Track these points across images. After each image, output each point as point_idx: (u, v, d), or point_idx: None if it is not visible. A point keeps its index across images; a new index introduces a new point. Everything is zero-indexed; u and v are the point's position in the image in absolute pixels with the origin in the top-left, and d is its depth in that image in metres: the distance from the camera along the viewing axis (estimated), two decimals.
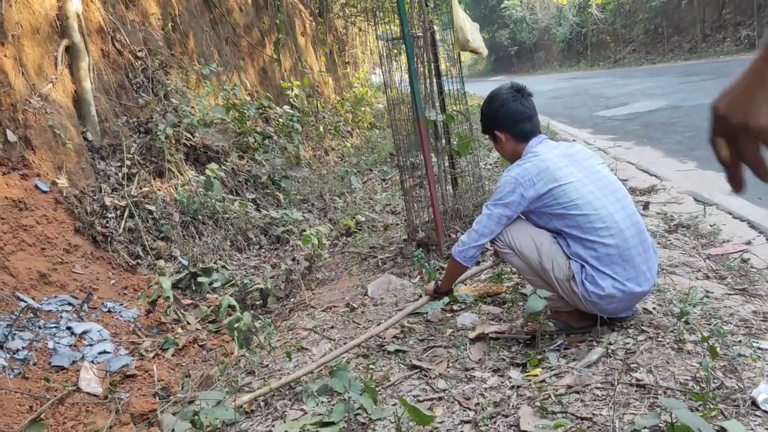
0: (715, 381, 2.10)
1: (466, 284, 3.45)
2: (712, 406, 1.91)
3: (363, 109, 13.51)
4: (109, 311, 3.87)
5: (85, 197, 4.64)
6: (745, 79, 0.82)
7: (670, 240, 3.83)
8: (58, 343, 3.34)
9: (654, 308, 2.76)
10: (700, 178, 5.39)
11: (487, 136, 2.92)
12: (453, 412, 2.22)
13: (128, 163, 5.21)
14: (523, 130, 2.69)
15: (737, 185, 0.86)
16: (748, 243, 3.63)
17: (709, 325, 2.52)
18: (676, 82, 14.34)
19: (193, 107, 6.42)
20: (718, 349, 2.19)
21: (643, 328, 2.58)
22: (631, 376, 2.22)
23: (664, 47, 27.71)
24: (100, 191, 4.86)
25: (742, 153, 0.83)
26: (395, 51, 4.50)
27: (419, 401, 2.33)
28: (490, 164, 6.77)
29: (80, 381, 3.08)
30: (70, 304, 3.72)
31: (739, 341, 2.38)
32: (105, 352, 3.42)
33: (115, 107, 5.66)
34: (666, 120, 8.83)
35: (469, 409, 2.22)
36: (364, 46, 21.57)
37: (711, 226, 3.97)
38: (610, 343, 2.49)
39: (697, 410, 1.93)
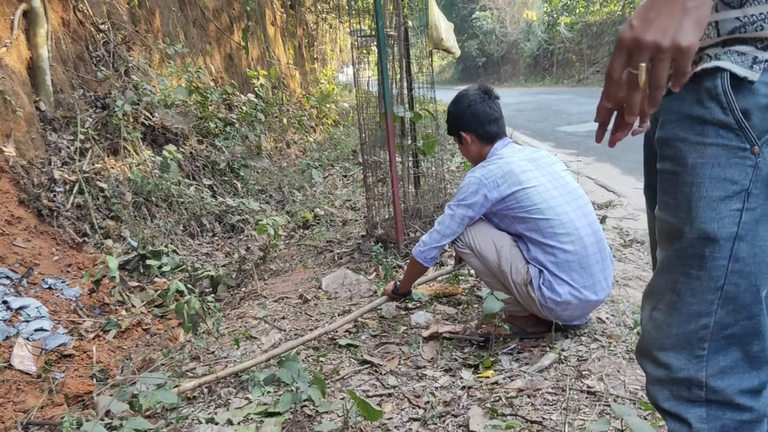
0: None
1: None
2: (660, 416, 1.92)
3: (328, 105, 13.40)
4: (49, 288, 3.70)
5: (33, 168, 4.44)
6: (664, 7, 0.85)
7: (625, 254, 3.87)
8: None
9: (607, 318, 2.78)
10: None
11: (452, 139, 2.89)
12: (402, 409, 2.18)
13: (82, 137, 5.01)
14: (489, 132, 2.67)
15: (633, 113, 0.90)
16: None
17: None
18: None
19: (154, 86, 6.23)
20: None
21: (596, 336, 2.59)
22: (582, 382, 2.22)
23: None
24: (50, 164, 4.65)
25: (659, 76, 0.86)
26: (365, 51, 4.46)
27: (369, 396, 2.28)
28: (453, 168, 6.77)
29: (13, 358, 2.92)
30: (8, 277, 3.54)
31: None
32: (42, 329, 3.26)
33: (72, 79, 5.45)
34: (625, 140, 8.96)
35: (419, 407, 2.18)
36: (334, 43, 21.47)
37: None
38: (563, 350, 2.49)
39: (646, 419, 1.93)
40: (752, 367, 0.99)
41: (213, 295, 4.03)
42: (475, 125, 2.66)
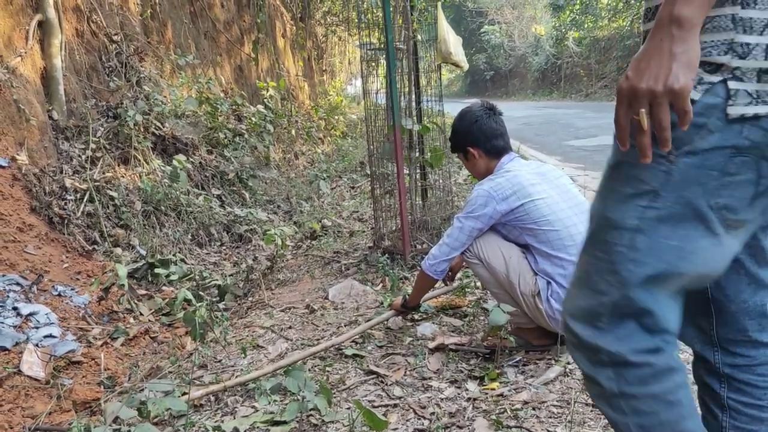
0: None
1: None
2: None
3: (336, 117, 13.47)
4: (59, 295, 3.73)
5: (45, 176, 4.49)
6: (655, 55, 0.93)
7: None
8: (2, 323, 3.20)
9: None
10: None
11: (456, 155, 2.90)
12: (407, 420, 2.19)
13: (93, 146, 5.07)
14: (496, 146, 2.69)
15: (647, 156, 0.97)
16: None
17: None
18: None
19: (165, 97, 6.30)
20: None
21: None
22: (587, 395, 2.23)
23: None
24: (61, 172, 4.71)
25: (661, 119, 0.93)
26: (373, 64, 4.50)
27: (374, 406, 2.29)
28: (461, 180, 6.80)
29: (22, 364, 2.94)
30: (18, 284, 3.57)
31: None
32: (51, 336, 3.29)
33: (85, 89, 5.51)
34: None
35: (424, 418, 2.19)
36: (342, 56, 21.61)
37: None
38: (568, 363, 2.50)
39: None
40: (647, 334, 1.10)
41: (222, 303, 4.05)
42: (482, 140, 2.69)
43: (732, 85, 0.97)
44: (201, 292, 4.08)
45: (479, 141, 2.69)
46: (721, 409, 1.28)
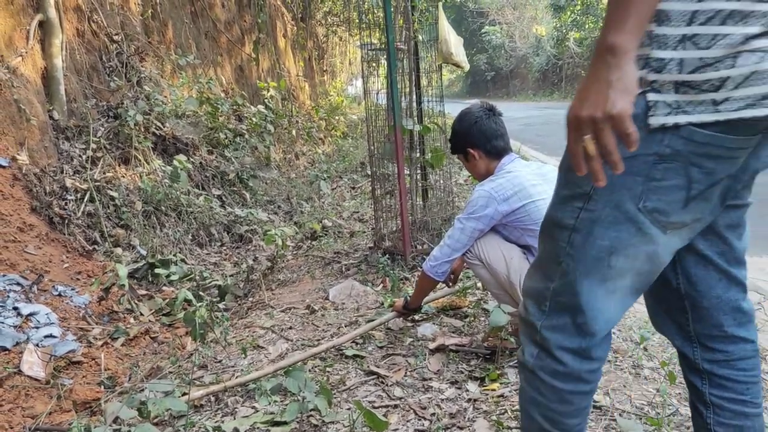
0: (670, 407, 2.11)
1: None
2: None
3: (337, 117, 13.47)
4: (59, 295, 3.73)
5: (46, 176, 4.49)
6: (593, 84, 0.98)
7: None
8: (2, 322, 3.20)
9: (613, 332, 2.77)
10: None
11: (456, 157, 2.89)
12: (408, 421, 2.18)
13: (93, 146, 5.07)
14: (497, 147, 2.68)
15: (600, 180, 1.02)
16: None
17: (666, 353, 2.54)
18: None
19: (165, 97, 6.29)
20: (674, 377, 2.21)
21: None
22: None
23: None
24: (62, 172, 4.71)
25: (606, 143, 0.98)
26: (374, 64, 4.50)
27: (375, 407, 2.29)
28: (461, 181, 6.79)
29: (22, 363, 2.94)
30: (18, 284, 3.57)
31: None
32: (51, 336, 3.29)
33: (85, 88, 5.51)
34: None
35: (425, 419, 2.19)
36: (343, 56, 21.60)
37: None
38: None
39: None
40: (577, 332, 1.20)
41: (222, 303, 4.05)
42: (483, 141, 2.68)
43: (651, 96, 1.03)
44: (201, 293, 4.08)
45: (479, 142, 2.68)
46: (705, 407, 1.34)
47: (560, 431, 1.27)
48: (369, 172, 5.20)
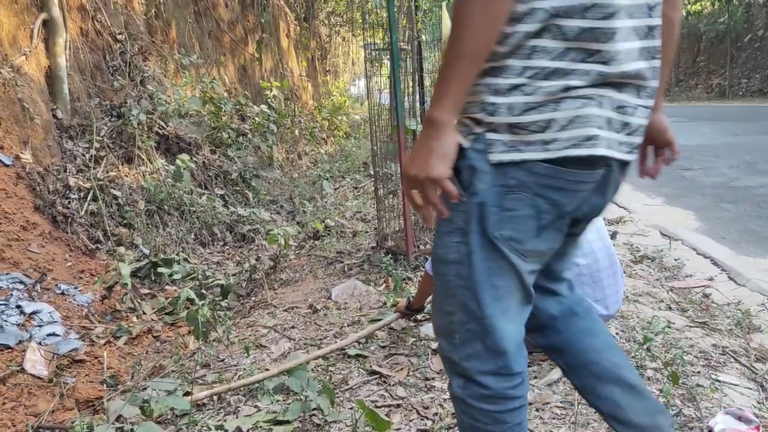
0: (674, 408, 2.11)
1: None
2: None
3: (340, 117, 13.48)
4: (62, 293, 3.74)
5: (49, 175, 4.50)
6: (420, 150, 1.16)
7: (635, 270, 3.87)
8: (5, 321, 3.21)
9: (617, 333, 2.77)
10: (667, 213, 5.48)
11: None
12: (410, 420, 2.18)
13: (97, 145, 5.08)
14: None
15: (429, 222, 1.25)
16: (710, 279, 3.68)
17: (669, 354, 2.54)
18: None
19: (169, 96, 6.30)
20: (677, 378, 2.20)
21: None
22: None
23: None
24: (65, 171, 4.72)
25: (429, 197, 1.18)
26: (377, 64, 4.50)
27: (377, 407, 2.28)
28: None
29: (25, 362, 2.95)
30: (22, 282, 3.58)
31: (698, 372, 2.40)
32: (54, 334, 3.29)
33: (89, 88, 5.52)
34: (637, 158, 8.98)
35: (427, 419, 2.18)
36: (346, 56, 21.61)
37: (675, 260, 4.02)
38: None
39: None
40: (490, 355, 1.28)
41: (225, 302, 4.05)
42: None
43: (489, 136, 1.16)
44: (204, 292, 4.09)
45: None
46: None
47: None
48: (372, 172, 5.20)
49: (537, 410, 2.16)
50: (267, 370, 2.60)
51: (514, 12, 1.13)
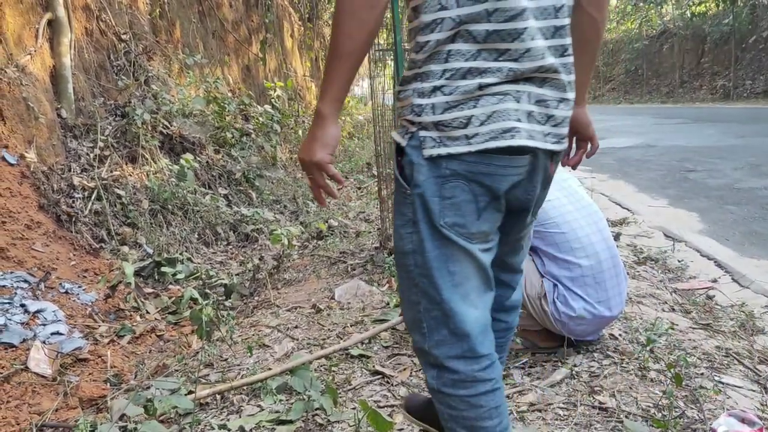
0: (677, 410, 2.11)
1: None
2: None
3: (343, 118, 13.48)
4: (66, 292, 3.75)
5: (53, 174, 4.51)
6: (307, 138, 1.35)
7: (639, 271, 3.86)
8: (9, 319, 3.22)
9: (620, 334, 2.77)
10: (671, 215, 5.48)
11: None
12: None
13: (101, 144, 5.09)
14: None
15: (322, 202, 1.44)
16: (714, 281, 3.68)
17: (672, 355, 2.53)
18: (651, 123, 14.66)
19: (173, 96, 6.32)
20: (681, 380, 2.20)
21: (609, 353, 2.59)
22: (594, 398, 2.22)
23: (642, 89, 28.35)
24: (69, 170, 4.73)
25: (316, 179, 1.37)
26: (381, 65, 4.50)
27: (380, 407, 2.29)
28: None
29: (29, 360, 2.96)
30: (26, 281, 3.59)
31: (702, 374, 2.40)
32: (58, 333, 3.30)
33: (93, 87, 5.54)
34: (640, 157, 8.99)
35: None
36: None
37: (679, 261, 4.02)
38: (574, 365, 2.49)
39: None
40: (456, 339, 1.36)
41: (228, 301, 4.06)
42: None
43: (421, 133, 1.29)
44: (207, 291, 4.10)
45: None
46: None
47: None
48: (375, 173, 5.20)
49: (540, 411, 2.16)
50: (270, 369, 2.60)
51: (423, 22, 1.29)
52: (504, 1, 1.23)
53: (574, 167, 1.71)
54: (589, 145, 1.70)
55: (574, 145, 1.70)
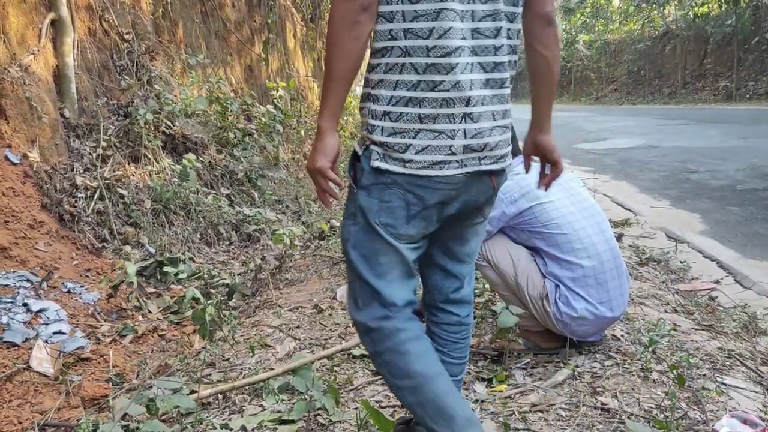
0: (679, 411, 2.11)
1: None
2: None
3: (345, 118, 13.47)
4: (68, 292, 3.75)
5: (56, 174, 4.51)
6: (312, 149, 1.56)
7: (641, 272, 3.86)
8: (12, 319, 3.22)
9: (622, 335, 2.77)
10: (673, 216, 5.47)
11: None
12: None
13: (104, 144, 5.10)
14: None
15: (327, 204, 1.64)
16: (717, 282, 3.68)
17: (675, 356, 2.53)
18: (654, 124, 14.64)
19: (175, 96, 6.32)
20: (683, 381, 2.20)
21: (611, 353, 2.59)
22: (596, 399, 2.22)
23: (644, 89, 28.32)
24: (72, 170, 4.74)
25: (319, 184, 1.58)
26: None
27: (382, 407, 2.29)
28: None
29: (32, 359, 2.96)
30: (28, 280, 3.60)
31: (704, 375, 2.40)
32: (60, 332, 3.31)
33: (96, 87, 5.54)
34: (642, 158, 8.98)
35: None
36: None
37: (681, 262, 4.02)
38: (577, 366, 2.49)
39: None
40: (381, 307, 1.61)
41: (230, 301, 4.06)
42: None
43: (372, 147, 1.54)
44: (210, 291, 4.10)
45: None
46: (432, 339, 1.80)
47: (418, 378, 1.59)
48: None
49: (542, 412, 2.16)
50: (272, 369, 2.61)
51: (375, 48, 1.52)
52: (443, 40, 1.44)
53: (546, 188, 1.87)
54: (553, 168, 1.84)
55: (543, 169, 1.86)
